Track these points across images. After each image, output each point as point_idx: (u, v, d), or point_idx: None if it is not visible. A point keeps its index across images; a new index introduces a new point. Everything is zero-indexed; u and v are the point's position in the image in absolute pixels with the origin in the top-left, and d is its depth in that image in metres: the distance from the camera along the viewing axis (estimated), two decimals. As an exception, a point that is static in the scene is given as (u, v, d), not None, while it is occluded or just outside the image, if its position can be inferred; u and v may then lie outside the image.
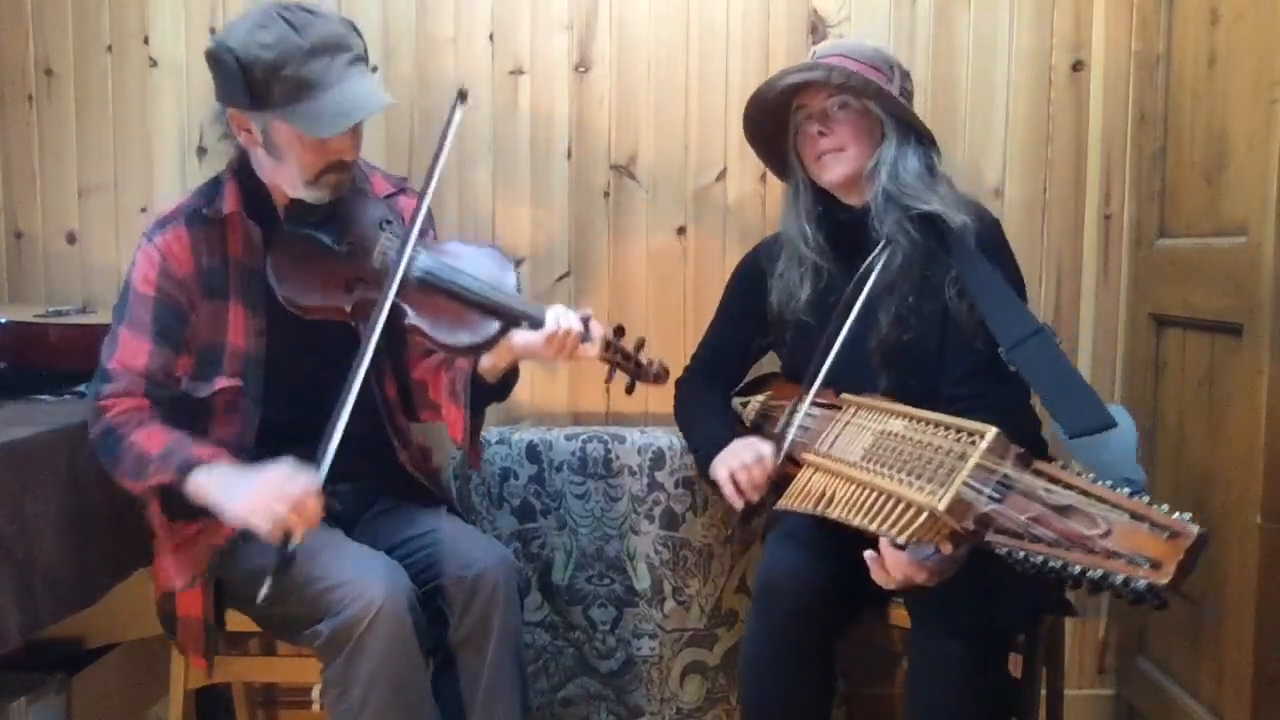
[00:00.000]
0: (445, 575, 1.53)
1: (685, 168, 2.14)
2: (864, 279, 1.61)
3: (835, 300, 1.65)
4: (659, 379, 1.61)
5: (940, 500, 1.23)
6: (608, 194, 2.15)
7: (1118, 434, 1.46)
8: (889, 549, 1.33)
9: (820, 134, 1.65)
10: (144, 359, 1.51)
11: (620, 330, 1.58)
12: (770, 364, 1.91)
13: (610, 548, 2.00)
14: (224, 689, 2.01)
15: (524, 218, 2.16)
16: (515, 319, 1.51)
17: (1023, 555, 1.16)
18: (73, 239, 2.18)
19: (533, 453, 2.00)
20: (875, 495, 1.34)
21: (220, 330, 1.55)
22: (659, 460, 1.99)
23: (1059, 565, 1.12)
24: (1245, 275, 1.63)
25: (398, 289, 1.49)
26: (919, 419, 1.41)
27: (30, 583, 1.46)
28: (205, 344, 1.55)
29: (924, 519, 1.25)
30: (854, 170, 1.65)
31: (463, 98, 1.54)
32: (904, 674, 2.12)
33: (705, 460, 1.71)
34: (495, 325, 1.51)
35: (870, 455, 1.43)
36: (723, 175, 2.14)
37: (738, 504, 1.63)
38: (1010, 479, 1.24)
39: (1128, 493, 1.14)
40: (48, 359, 1.78)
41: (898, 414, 1.46)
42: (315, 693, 1.52)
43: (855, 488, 1.39)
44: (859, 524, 1.34)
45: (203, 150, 2.14)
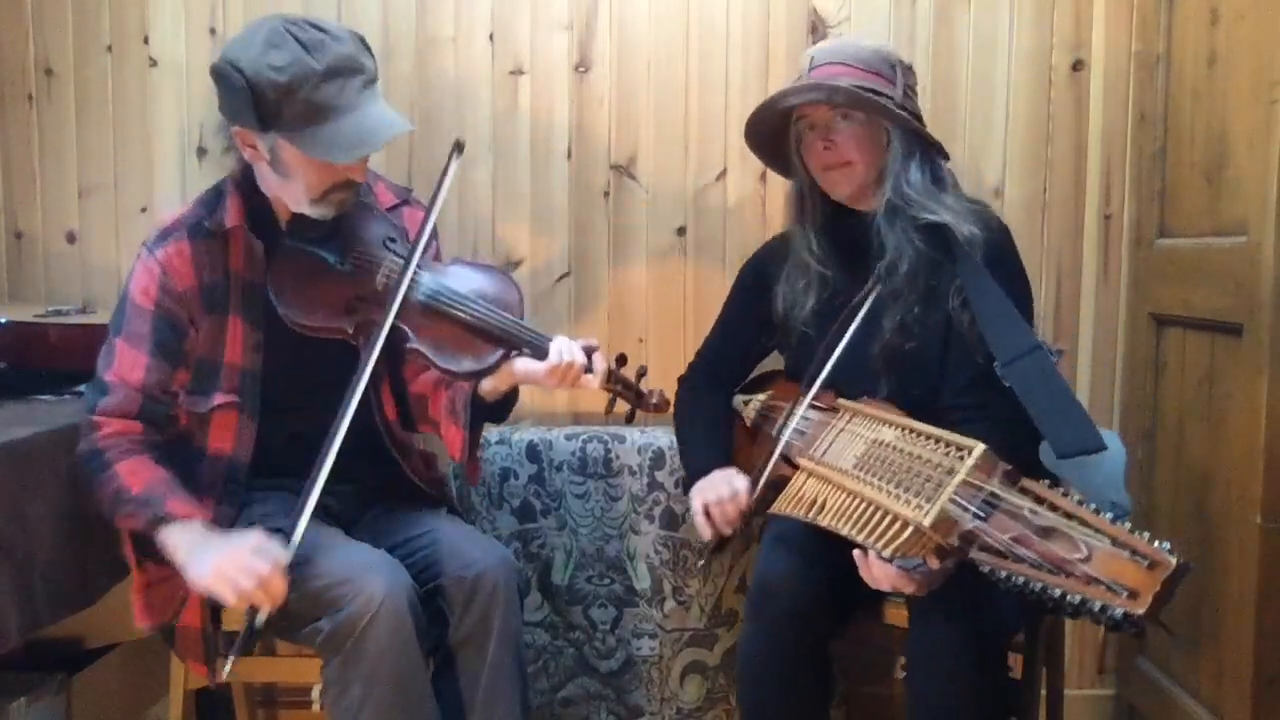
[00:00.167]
0: (445, 575, 1.52)
1: (685, 168, 2.14)
2: (868, 291, 1.60)
3: (840, 308, 1.64)
4: (659, 409, 1.61)
5: (925, 516, 1.24)
6: (608, 194, 2.15)
7: (1107, 458, 1.45)
8: (876, 560, 1.34)
9: (825, 148, 1.62)
10: (141, 373, 1.49)
11: (622, 359, 1.58)
12: (774, 361, 1.91)
13: (610, 548, 2.00)
14: (224, 689, 2.01)
15: (524, 218, 2.16)
16: (518, 346, 1.50)
17: (1005, 575, 1.17)
18: (73, 239, 2.18)
19: (533, 453, 2.00)
20: (864, 506, 1.35)
21: (219, 345, 1.54)
22: (659, 460, 1.99)
23: (1039, 587, 1.12)
24: (1245, 275, 1.63)
25: (401, 311, 1.48)
26: (911, 430, 1.42)
27: (30, 583, 1.46)
28: (203, 359, 1.54)
29: (909, 533, 1.26)
30: (861, 183, 1.63)
31: (459, 149, 1.53)
32: (902, 674, 2.13)
33: (688, 483, 1.73)
34: (498, 352, 1.50)
35: (862, 464, 1.43)
36: (723, 175, 2.14)
37: (707, 535, 1.65)
38: (996, 497, 1.24)
39: (1111, 518, 1.14)
40: (48, 359, 1.78)
41: (891, 423, 1.46)
42: (315, 693, 1.52)
43: (846, 496, 1.40)
44: (848, 534, 1.35)
45: (203, 150, 2.14)
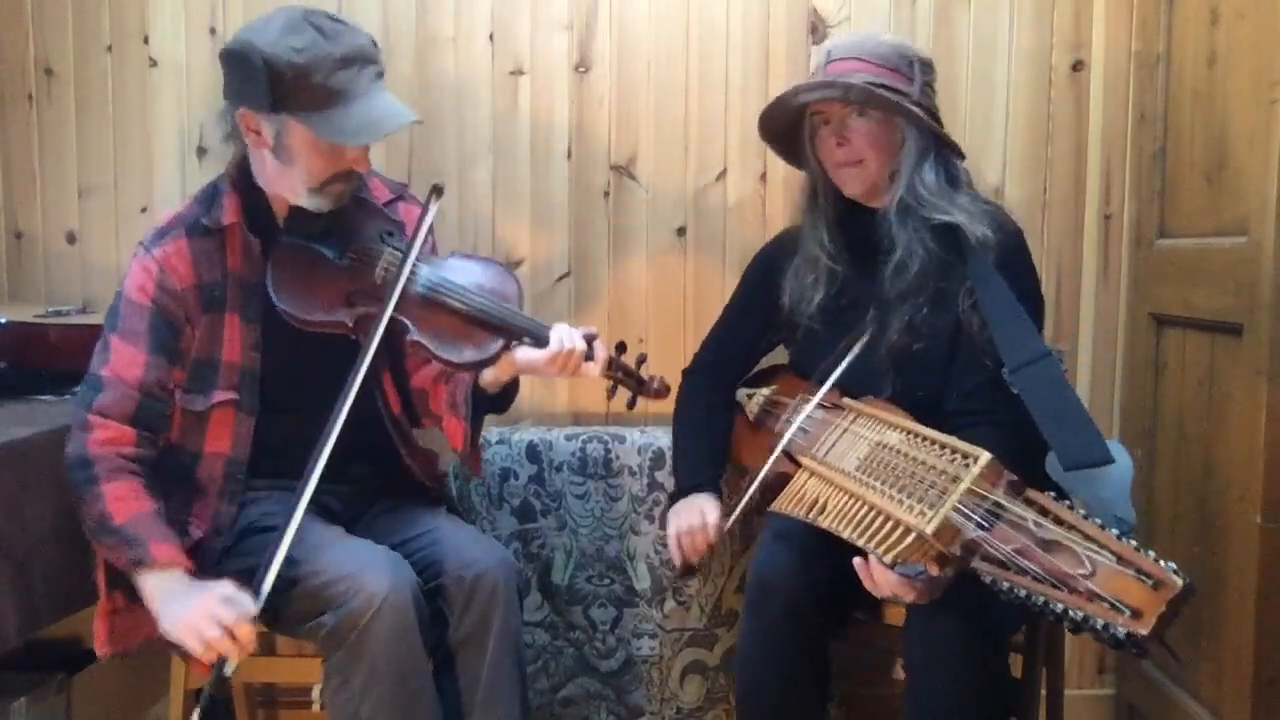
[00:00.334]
0: (445, 575, 1.53)
1: (685, 168, 2.14)
2: (880, 293, 1.59)
3: (848, 305, 1.63)
4: (660, 395, 1.62)
5: (929, 523, 1.23)
6: (608, 194, 2.15)
7: (1114, 471, 1.42)
8: (878, 565, 1.33)
9: (838, 145, 1.61)
10: (139, 370, 1.48)
11: (622, 347, 1.59)
12: (778, 356, 1.90)
13: (610, 548, 2.00)
14: (224, 689, 2.01)
15: (524, 218, 2.16)
16: (519, 335, 1.51)
17: (1007, 586, 1.16)
18: (73, 239, 2.18)
19: (533, 453, 2.00)
20: (866, 509, 1.34)
21: (217, 344, 1.54)
22: (659, 460, 1.99)
23: (1041, 601, 1.12)
24: (1245, 275, 1.63)
25: (400, 304, 1.48)
26: (916, 434, 1.41)
27: (30, 583, 1.46)
28: (200, 358, 1.54)
29: (912, 540, 1.25)
30: (873, 181, 1.62)
31: (438, 193, 1.54)
32: (902, 674, 2.13)
33: (671, 498, 1.76)
34: (499, 342, 1.51)
35: (864, 466, 1.42)
36: (723, 175, 2.14)
37: (676, 560, 1.68)
38: (1000, 507, 1.23)
39: (1116, 534, 1.13)
40: (48, 359, 1.78)
41: (896, 426, 1.45)
42: (315, 692, 1.51)
43: (847, 499, 1.39)
44: (849, 537, 1.34)
45: (203, 150, 2.14)
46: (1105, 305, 2.13)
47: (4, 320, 1.77)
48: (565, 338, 1.49)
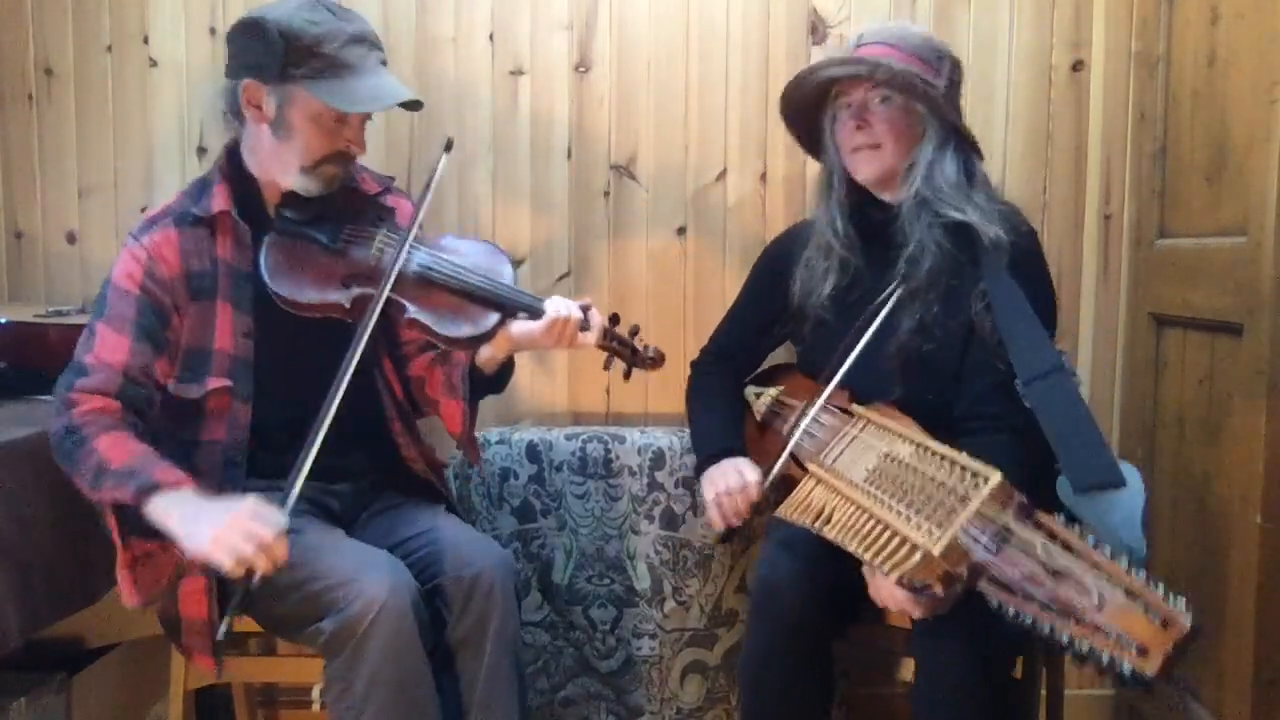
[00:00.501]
0: (443, 575, 1.52)
1: (685, 168, 2.14)
2: (891, 291, 1.57)
3: (858, 298, 1.61)
4: (655, 363, 1.62)
5: (936, 544, 1.22)
6: (608, 194, 2.15)
7: (1126, 496, 1.39)
8: (884, 578, 1.32)
9: (858, 128, 1.59)
10: (123, 355, 1.47)
11: (616, 318, 1.60)
12: (786, 354, 1.90)
13: (610, 548, 2.00)
14: (224, 689, 2.01)
15: (524, 218, 2.16)
16: (514, 309, 1.53)
17: (1013, 611, 1.15)
18: (73, 239, 2.18)
19: (533, 453, 2.00)
20: (873, 524, 1.33)
21: (208, 332, 1.53)
22: (659, 460, 1.99)
23: (1047, 629, 1.11)
24: (1245, 275, 1.63)
25: (396, 284, 1.49)
26: (926, 448, 1.38)
27: (30, 583, 1.46)
28: (191, 347, 1.53)
29: (918, 559, 1.24)
30: (887, 169, 1.60)
31: (448, 147, 1.58)
32: (903, 674, 2.13)
33: (699, 466, 1.72)
34: (495, 316, 1.53)
35: (873, 478, 1.40)
36: (723, 175, 2.14)
37: (718, 526, 1.64)
38: (1009, 530, 1.21)
39: (1126, 565, 1.11)
40: (48, 359, 1.78)
41: (905, 438, 1.43)
42: (315, 692, 1.51)
43: (854, 511, 1.37)
44: (854, 550, 1.33)
45: (203, 150, 2.14)
46: (1105, 305, 2.13)
47: (4, 320, 1.78)
48: (560, 306, 1.52)
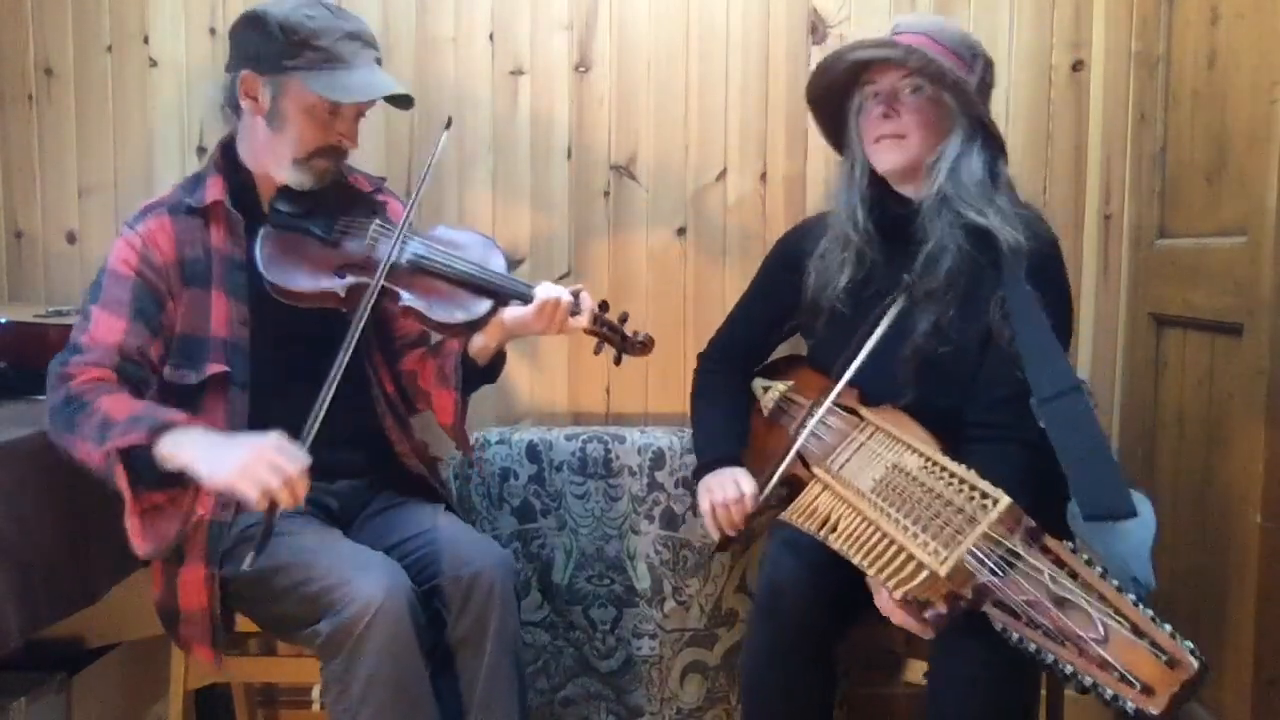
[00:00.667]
0: (442, 575, 1.53)
1: (685, 168, 2.14)
2: (901, 290, 1.55)
3: (874, 293, 1.59)
4: (644, 349, 1.65)
5: (943, 564, 1.20)
6: (608, 194, 2.15)
7: (1136, 525, 1.36)
8: (887, 595, 1.31)
9: (884, 116, 1.56)
10: (118, 336, 1.48)
11: (605, 305, 1.63)
12: (795, 346, 1.89)
13: (610, 548, 2.00)
14: (224, 689, 2.01)
15: (524, 218, 2.16)
16: (506, 296, 1.56)
17: (1017, 638, 1.14)
18: (73, 239, 2.18)
19: (533, 453, 2.00)
20: (879, 538, 1.31)
21: (203, 320, 1.54)
22: (659, 460, 1.99)
23: (1050, 659, 1.10)
24: (1245, 275, 1.63)
25: (390, 273, 1.52)
26: (935, 463, 1.36)
27: (30, 583, 1.46)
28: (187, 334, 1.54)
29: (924, 578, 1.23)
30: (911, 161, 1.57)
31: (449, 125, 1.62)
32: (904, 674, 2.13)
33: (697, 472, 1.72)
34: (488, 303, 1.56)
35: (880, 489, 1.38)
36: (723, 175, 2.14)
37: (714, 535, 1.64)
38: (1016, 555, 1.20)
39: (1133, 599, 1.10)
40: (48, 359, 1.77)
41: (915, 450, 1.40)
42: (315, 693, 1.52)
43: (860, 522, 1.36)
44: (858, 563, 1.32)
45: (202, 150, 2.14)
46: (1105, 305, 2.13)
47: (4, 320, 1.77)
48: (551, 290, 1.54)
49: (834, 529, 1.39)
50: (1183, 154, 1.89)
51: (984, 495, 1.26)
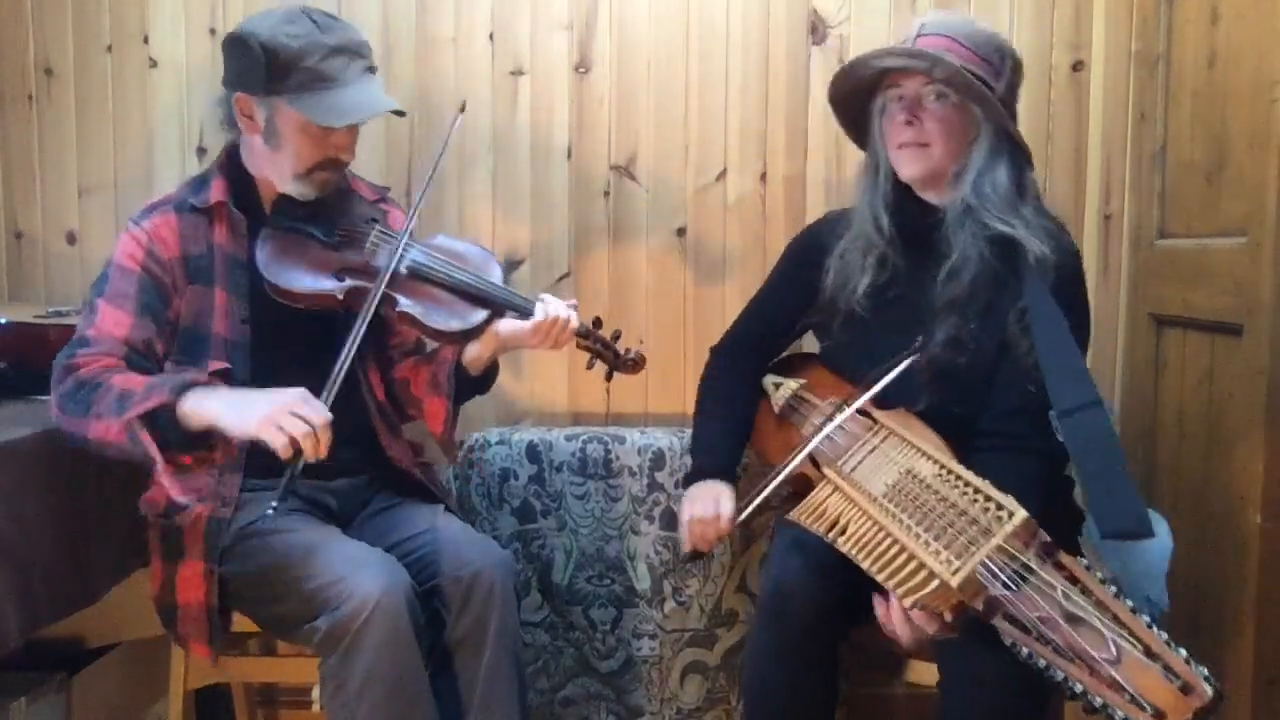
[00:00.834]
0: (442, 575, 1.53)
1: (685, 168, 2.14)
2: (915, 347, 1.52)
3: (896, 296, 1.57)
4: (636, 366, 1.66)
5: (955, 575, 1.18)
6: (608, 194, 2.15)
7: (1152, 546, 1.35)
8: (899, 613, 1.30)
9: (907, 122, 1.52)
10: (125, 329, 1.50)
11: (598, 322, 1.64)
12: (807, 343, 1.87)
13: (610, 548, 2.00)
14: (224, 689, 2.01)
15: (524, 218, 2.16)
16: (503, 308, 1.57)
17: (1027, 653, 1.13)
18: (73, 239, 2.18)
19: (533, 453, 2.00)
20: (890, 544, 1.29)
21: (206, 316, 1.56)
22: (659, 461, 1.99)
23: (1061, 677, 1.08)
24: (1245, 275, 1.63)
25: (389, 280, 1.52)
26: (949, 471, 1.34)
27: (30, 583, 1.46)
28: (189, 329, 1.55)
29: (935, 587, 1.21)
30: (933, 170, 1.54)
31: (462, 109, 1.64)
32: (905, 675, 2.12)
33: (687, 479, 1.70)
34: (484, 313, 1.56)
35: (892, 494, 1.36)
36: (723, 175, 2.14)
37: (686, 546, 1.63)
38: (1029, 570, 1.18)
39: (1147, 621, 1.08)
40: (48, 359, 1.77)
41: (928, 457, 1.38)
42: (315, 692, 1.52)
43: (870, 526, 1.34)
44: (867, 568, 1.29)
45: (202, 150, 2.14)
46: (1105, 305, 2.12)
47: (4, 320, 1.77)
48: (550, 306, 1.55)
49: (843, 531, 1.37)
50: (1183, 154, 1.89)
51: (999, 506, 1.23)
